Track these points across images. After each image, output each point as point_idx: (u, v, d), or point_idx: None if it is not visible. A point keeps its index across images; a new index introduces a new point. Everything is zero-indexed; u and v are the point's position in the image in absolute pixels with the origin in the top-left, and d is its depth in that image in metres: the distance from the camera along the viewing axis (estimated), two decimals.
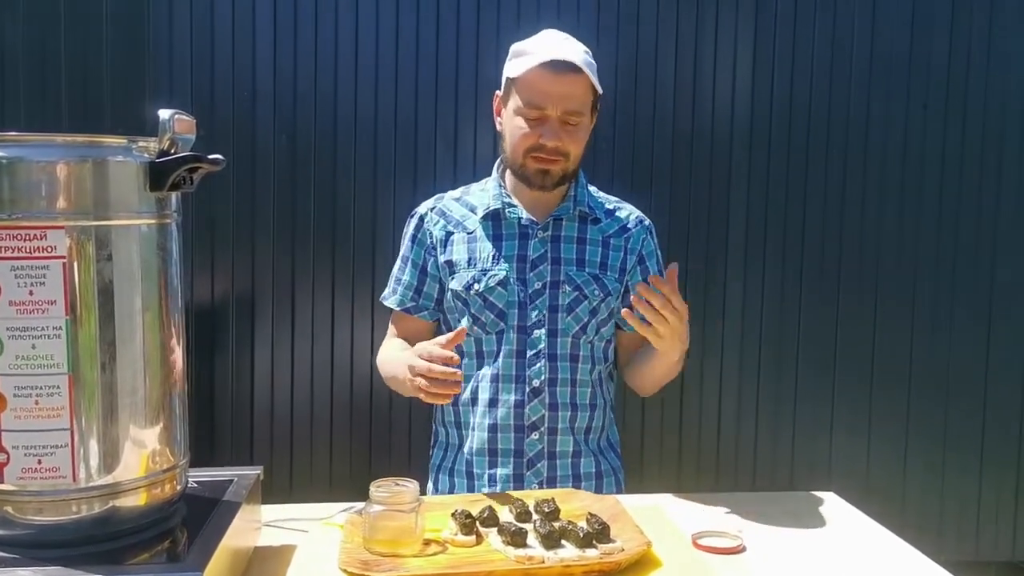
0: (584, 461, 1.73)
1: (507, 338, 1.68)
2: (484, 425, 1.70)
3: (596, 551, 1.20)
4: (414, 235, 1.79)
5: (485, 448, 1.70)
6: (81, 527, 1.04)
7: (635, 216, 1.81)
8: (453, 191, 1.82)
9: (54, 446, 1.00)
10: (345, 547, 1.22)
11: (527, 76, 1.61)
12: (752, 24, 2.56)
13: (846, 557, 1.33)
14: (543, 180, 1.66)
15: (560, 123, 1.62)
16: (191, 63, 2.44)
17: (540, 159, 1.64)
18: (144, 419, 1.07)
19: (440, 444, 1.81)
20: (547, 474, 1.70)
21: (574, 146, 1.65)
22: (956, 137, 2.62)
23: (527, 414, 1.68)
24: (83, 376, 1.01)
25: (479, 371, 1.71)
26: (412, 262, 1.78)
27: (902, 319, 2.66)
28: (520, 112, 1.64)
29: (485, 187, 1.78)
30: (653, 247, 1.81)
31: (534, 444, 1.69)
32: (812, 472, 2.65)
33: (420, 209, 1.81)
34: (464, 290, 1.69)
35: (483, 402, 1.70)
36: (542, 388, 1.68)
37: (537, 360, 1.68)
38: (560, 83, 1.60)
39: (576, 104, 1.62)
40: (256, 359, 2.52)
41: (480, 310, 1.69)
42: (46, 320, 0.99)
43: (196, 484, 1.26)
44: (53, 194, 0.99)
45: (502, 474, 1.69)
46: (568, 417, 1.70)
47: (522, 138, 1.64)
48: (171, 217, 1.11)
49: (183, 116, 1.07)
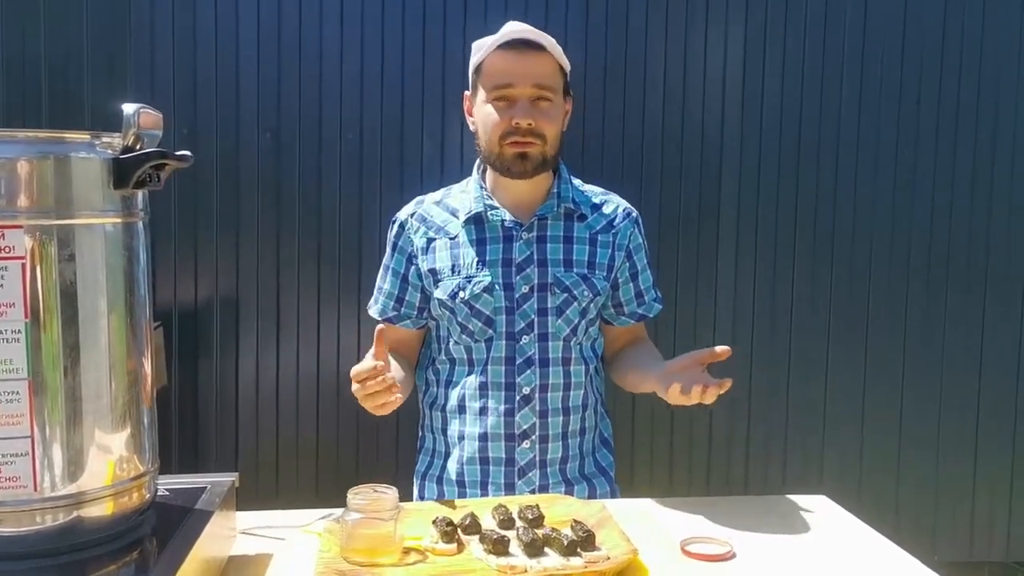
0: (574, 466, 1.70)
1: (495, 345, 1.65)
2: (475, 434, 1.66)
3: (580, 559, 1.17)
4: (395, 243, 1.75)
5: (476, 457, 1.66)
6: (44, 538, 1.00)
7: (622, 209, 1.77)
8: (433, 194, 1.78)
9: (14, 455, 0.96)
10: (323, 556, 1.19)
11: (490, 60, 1.60)
12: (743, 13, 2.54)
13: (837, 562, 1.30)
14: (522, 165, 1.61)
15: (531, 102, 1.59)
16: (173, 61, 2.41)
17: (516, 143, 1.60)
18: (110, 425, 1.03)
19: (426, 450, 1.77)
20: (539, 482, 1.66)
21: (548, 126, 1.61)
22: (948, 132, 2.60)
23: (518, 422, 1.64)
24: (44, 381, 0.97)
25: (467, 378, 1.67)
26: (393, 271, 1.74)
27: (894, 320, 2.63)
28: (489, 99, 1.61)
29: (466, 188, 1.74)
30: (640, 240, 1.78)
31: (525, 453, 1.65)
32: (804, 474, 2.62)
33: (400, 215, 1.76)
34: (449, 299, 1.65)
35: (472, 411, 1.66)
36: (532, 395, 1.65)
37: (527, 367, 1.65)
38: (524, 60, 1.58)
39: (543, 79, 1.60)
40: (240, 362, 2.49)
41: (467, 318, 1.65)
42: (4, 323, 0.95)
43: (167, 492, 1.22)
44: (12, 192, 0.95)
45: (493, 483, 1.66)
46: (560, 423, 1.67)
47: (495, 125, 1.61)
48: (137, 216, 1.06)
49: (149, 110, 1.03)
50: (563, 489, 1.66)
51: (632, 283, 1.76)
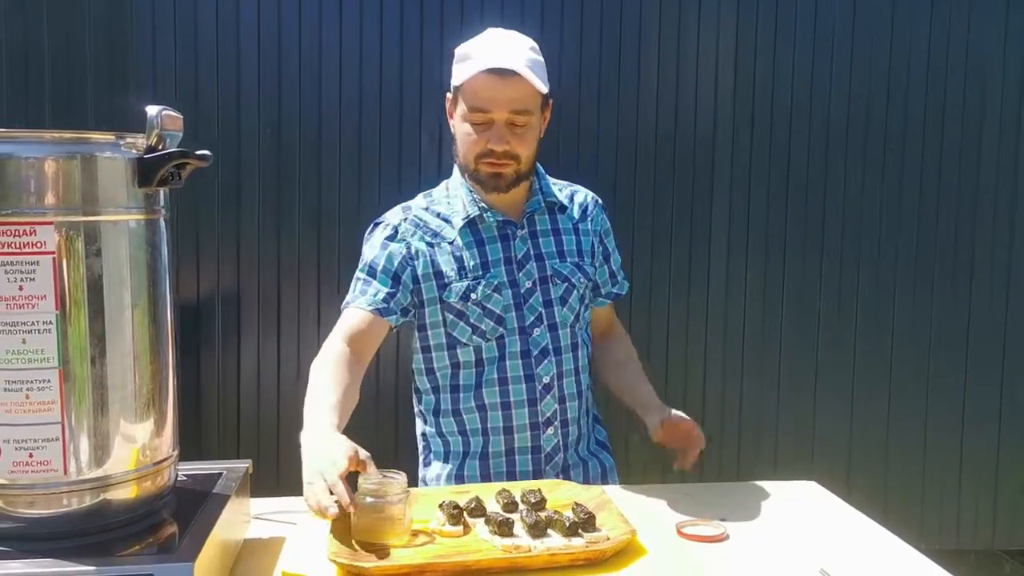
0: (584, 444, 1.79)
1: (509, 341, 1.70)
2: (499, 428, 1.70)
3: (582, 540, 1.22)
4: (385, 243, 1.71)
5: (502, 450, 1.71)
6: (72, 519, 1.05)
7: (591, 197, 1.86)
8: (416, 200, 1.79)
9: (45, 440, 1.01)
10: (334, 538, 1.23)
11: (470, 83, 1.62)
12: (734, 12, 2.59)
13: (826, 541, 1.36)
14: (496, 183, 1.67)
15: (507, 126, 1.63)
16: (175, 56, 2.44)
17: (491, 163, 1.65)
18: (134, 413, 1.08)
19: (437, 455, 1.77)
20: (563, 464, 1.73)
21: (523, 148, 1.65)
22: (935, 130, 2.66)
23: (541, 411, 1.70)
24: (73, 370, 1.02)
25: (483, 378, 1.70)
26: (384, 269, 1.69)
27: (883, 311, 2.69)
28: (467, 118, 1.65)
29: (450, 193, 1.76)
30: (608, 225, 1.87)
31: (550, 439, 1.71)
32: (795, 462, 2.67)
33: (391, 219, 1.75)
34: (461, 301, 1.68)
35: (494, 407, 1.70)
36: (552, 384, 1.71)
37: (543, 358, 1.70)
38: (503, 87, 1.60)
39: (521, 105, 1.62)
40: (242, 355, 2.52)
41: (480, 319, 1.69)
42: (36, 315, 0.99)
43: (185, 477, 1.27)
44: (42, 190, 1.00)
45: (521, 471, 1.71)
46: (576, 406, 1.74)
47: (471, 144, 1.65)
48: (159, 213, 1.12)
49: (171, 112, 1.08)
50: (580, 468, 1.75)
51: (606, 265, 1.86)
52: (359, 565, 1.14)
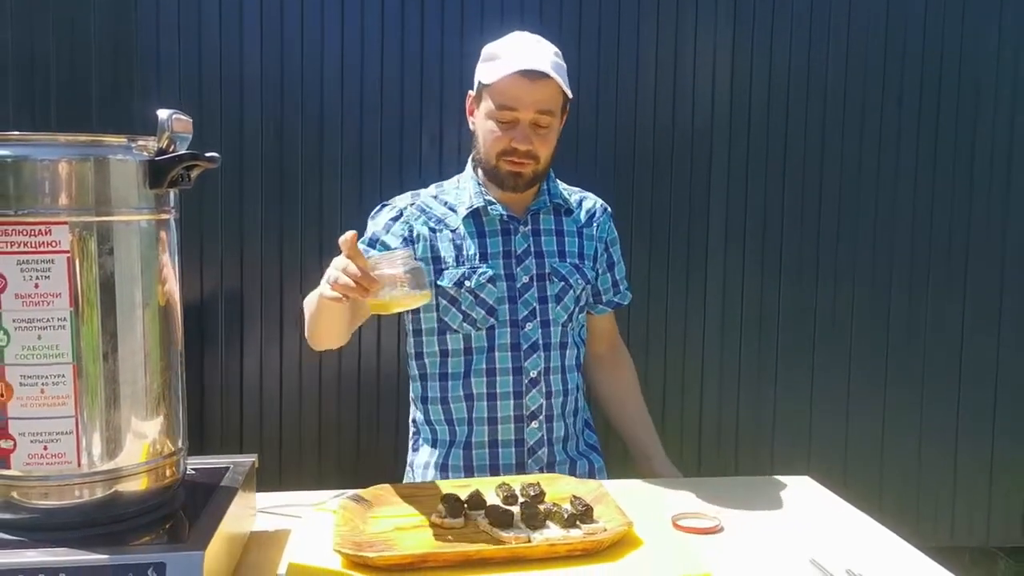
0: (572, 443, 1.81)
1: (500, 332, 1.73)
2: (483, 419, 1.74)
3: (580, 531, 1.25)
4: (389, 224, 1.76)
5: (485, 441, 1.74)
6: (85, 510, 1.08)
7: (600, 205, 1.90)
8: (426, 189, 1.84)
9: (59, 433, 1.04)
10: (339, 530, 1.27)
11: (500, 83, 1.65)
12: (731, 13, 2.62)
13: (820, 534, 1.39)
14: (515, 182, 1.71)
15: (531, 126, 1.67)
16: (178, 58, 2.48)
17: (512, 162, 1.69)
18: (145, 407, 1.11)
19: (426, 440, 1.81)
20: (547, 459, 1.76)
21: (544, 149, 1.70)
22: (930, 129, 2.69)
23: (527, 404, 1.73)
24: (86, 366, 1.05)
25: (471, 367, 1.74)
26: (383, 244, 1.74)
27: (878, 307, 2.72)
28: (492, 116, 1.68)
29: (460, 185, 1.81)
30: (615, 234, 1.91)
31: (534, 432, 1.74)
32: (792, 462, 2.70)
33: (398, 202, 1.80)
34: (455, 287, 1.72)
35: (480, 396, 1.74)
36: (539, 378, 1.74)
37: (533, 352, 1.74)
38: (532, 89, 1.64)
39: (546, 106, 1.67)
40: (245, 353, 2.56)
41: (471, 306, 1.73)
42: (51, 312, 1.03)
43: (193, 471, 1.30)
44: (56, 191, 1.03)
45: (504, 464, 1.74)
46: (562, 403, 1.77)
47: (494, 141, 1.69)
48: (169, 213, 1.15)
49: (181, 116, 1.11)
50: (567, 465, 1.77)
51: (609, 273, 1.89)
52: (363, 555, 1.17)
